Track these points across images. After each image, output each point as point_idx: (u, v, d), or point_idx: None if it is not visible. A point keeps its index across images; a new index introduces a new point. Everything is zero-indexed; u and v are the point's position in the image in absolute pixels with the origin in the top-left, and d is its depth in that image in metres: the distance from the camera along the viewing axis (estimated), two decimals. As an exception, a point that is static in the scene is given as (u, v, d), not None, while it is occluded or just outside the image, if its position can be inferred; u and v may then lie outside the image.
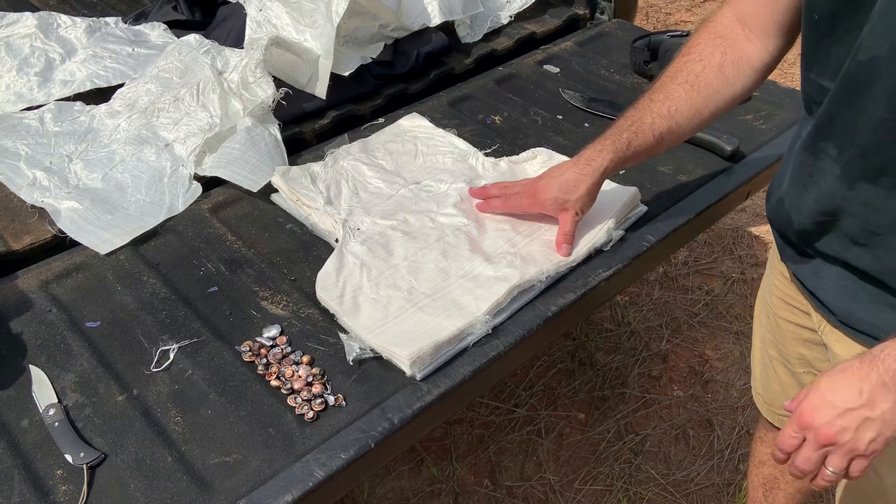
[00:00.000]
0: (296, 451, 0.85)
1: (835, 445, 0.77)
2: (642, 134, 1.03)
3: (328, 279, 1.05)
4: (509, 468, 1.82)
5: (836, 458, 0.78)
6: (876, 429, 0.75)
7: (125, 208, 1.19)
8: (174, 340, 0.98)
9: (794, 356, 1.16)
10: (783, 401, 1.24)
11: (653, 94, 1.03)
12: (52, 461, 0.84)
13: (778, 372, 1.23)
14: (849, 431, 0.76)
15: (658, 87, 1.03)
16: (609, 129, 1.06)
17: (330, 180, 1.22)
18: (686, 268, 2.38)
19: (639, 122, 1.03)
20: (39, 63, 1.48)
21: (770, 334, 1.20)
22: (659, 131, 1.02)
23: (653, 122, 1.02)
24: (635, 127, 1.03)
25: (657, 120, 1.02)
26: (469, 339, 0.97)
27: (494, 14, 1.71)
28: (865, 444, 0.76)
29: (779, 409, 1.28)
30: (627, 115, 1.05)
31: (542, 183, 1.09)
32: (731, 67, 0.99)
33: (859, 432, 0.75)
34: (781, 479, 1.38)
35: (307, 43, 1.41)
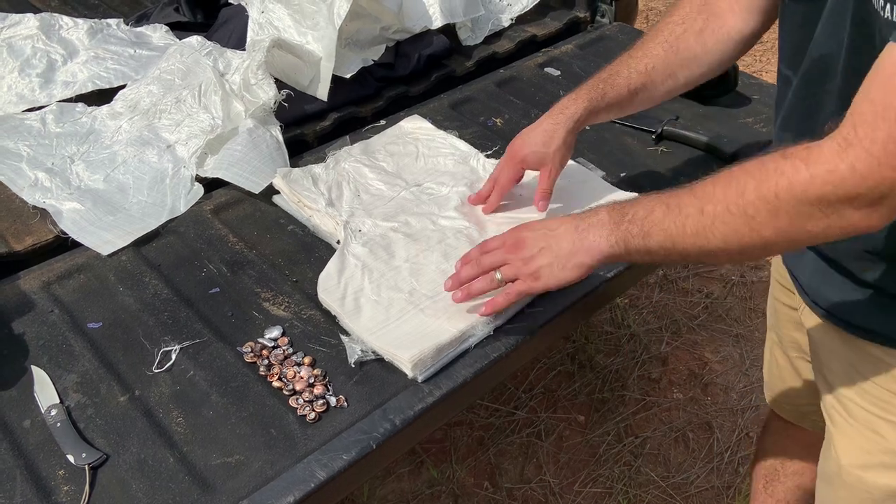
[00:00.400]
0: (297, 452, 0.86)
1: (514, 256, 0.90)
2: (617, 87, 1.04)
3: (330, 281, 1.05)
4: (509, 470, 1.82)
5: (509, 268, 0.91)
6: (549, 258, 0.88)
7: (127, 209, 1.20)
8: (176, 341, 0.98)
9: (788, 339, 1.18)
10: (780, 386, 1.26)
11: (632, 51, 1.05)
12: (54, 461, 0.84)
13: (776, 356, 1.24)
14: (530, 248, 0.89)
15: (638, 45, 1.05)
16: (585, 81, 1.08)
17: (331, 182, 1.22)
18: (686, 271, 2.38)
19: (615, 75, 1.05)
20: (41, 64, 1.48)
21: (772, 318, 1.22)
22: (634, 86, 1.04)
23: (629, 76, 1.04)
24: (612, 80, 1.05)
25: (633, 75, 1.04)
26: (470, 340, 0.98)
27: (495, 17, 1.72)
28: (534, 267, 0.89)
29: (779, 396, 1.29)
30: (605, 68, 1.07)
31: (519, 141, 1.10)
32: (712, 35, 1.01)
33: (538, 254, 0.88)
34: (782, 472, 1.39)
35: (309, 45, 1.41)
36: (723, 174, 0.75)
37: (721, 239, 0.75)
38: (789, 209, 0.69)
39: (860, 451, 0.93)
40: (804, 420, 1.27)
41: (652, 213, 0.81)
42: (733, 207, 0.73)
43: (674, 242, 0.79)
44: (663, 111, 1.45)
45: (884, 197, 0.66)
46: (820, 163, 0.67)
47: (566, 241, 0.87)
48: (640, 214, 0.82)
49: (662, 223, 0.79)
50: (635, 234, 0.82)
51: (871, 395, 0.90)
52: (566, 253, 0.87)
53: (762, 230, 0.72)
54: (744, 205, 0.72)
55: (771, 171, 0.70)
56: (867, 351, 0.89)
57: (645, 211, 0.82)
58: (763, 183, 0.71)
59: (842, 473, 0.96)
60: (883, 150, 0.64)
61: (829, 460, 0.99)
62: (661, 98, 1.07)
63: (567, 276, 0.88)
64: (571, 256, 0.87)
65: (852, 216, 0.68)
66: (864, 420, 0.92)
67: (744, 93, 1.48)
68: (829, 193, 0.67)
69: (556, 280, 0.89)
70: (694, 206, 0.76)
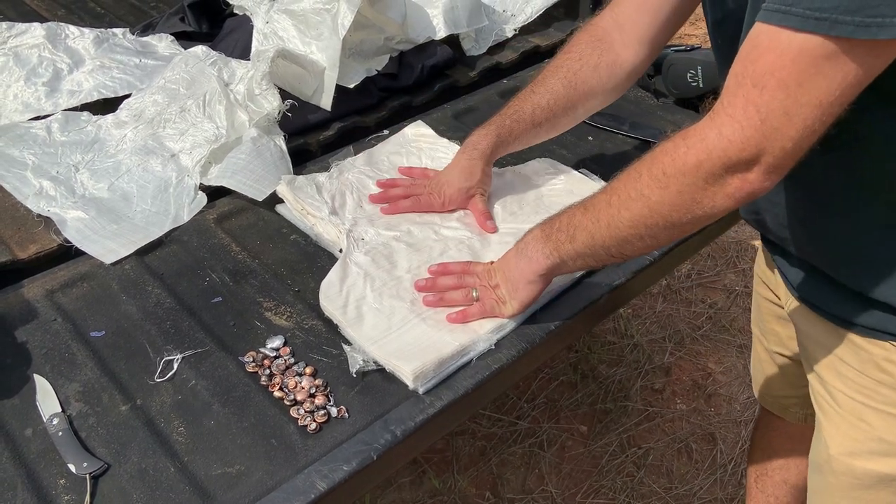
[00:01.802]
0: (298, 463, 0.85)
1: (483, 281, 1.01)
2: (523, 122, 1.13)
3: (332, 288, 1.05)
4: (511, 481, 1.82)
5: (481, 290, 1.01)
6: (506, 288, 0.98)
7: (131, 218, 1.20)
8: (178, 351, 0.98)
9: (770, 333, 1.21)
10: (763, 380, 1.33)
11: (534, 87, 1.14)
12: (55, 470, 0.84)
13: (758, 350, 1.28)
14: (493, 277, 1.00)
15: (540, 80, 1.13)
16: (494, 115, 1.17)
17: (335, 191, 1.22)
18: (689, 281, 2.37)
19: (520, 111, 1.14)
20: (47, 73, 1.49)
21: (755, 313, 1.25)
22: (538, 121, 1.13)
23: (533, 112, 1.13)
24: (517, 115, 1.14)
25: (537, 111, 1.12)
26: (472, 353, 0.98)
27: (499, 27, 1.72)
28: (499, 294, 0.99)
29: (761, 389, 1.33)
30: (511, 104, 1.16)
31: (443, 179, 1.18)
32: (606, 69, 1.09)
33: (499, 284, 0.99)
34: (769, 467, 1.42)
35: (313, 55, 1.42)
36: (628, 168, 0.83)
37: (629, 224, 0.83)
38: (676, 183, 0.76)
39: (848, 438, 0.95)
40: (786, 413, 1.31)
41: (573, 217, 0.90)
42: (632, 192, 0.81)
43: (593, 238, 0.87)
44: (666, 122, 1.45)
45: (754, 159, 0.72)
46: (693, 135, 0.75)
47: (513, 266, 0.97)
48: (564, 222, 0.91)
49: (582, 223, 0.88)
50: (563, 240, 0.90)
51: (855, 384, 0.92)
52: (515, 277, 0.96)
53: (660, 208, 0.79)
54: (640, 187, 0.80)
55: (658, 153, 0.79)
56: (850, 339, 0.91)
57: (568, 217, 0.91)
58: (653, 164, 0.79)
59: (831, 462, 0.98)
60: (743, 114, 0.70)
61: (819, 449, 1.01)
62: (563, 128, 1.17)
63: (523, 296, 0.97)
64: (520, 279, 0.96)
65: (733, 181, 0.74)
66: (850, 408, 0.94)
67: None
68: (705, 161, 0.74)
69: (518, 303, 0.98)
70: (603, 200, 0.85)
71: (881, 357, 0.88)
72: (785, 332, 1.16)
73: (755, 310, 1.25)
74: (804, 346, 1.03)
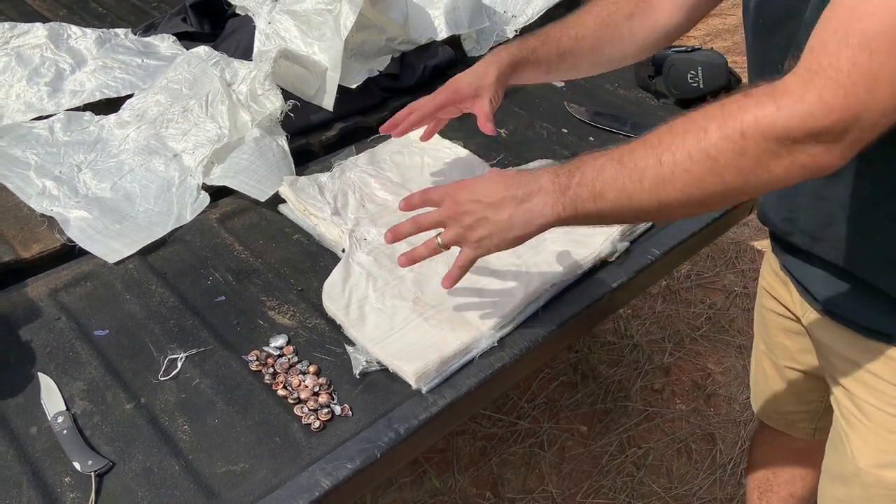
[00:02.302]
0: (302, 461, 0.86)
1: (454, 222, 0.88)
2: (548, 45, 1.09)
3: (334, 289, 1.06)
4: (511, 481, 1.82)
5: (450, 233, 0.89)
6: (488, 229, 0.86)
7: (134, 218, 1.20)
8: (182, 349, 0.99)
9: (778, 347, 1.18)
10: (768, 396, 1.27)
11: (567, 19, 1.11)
12: (60, 468, 0.85)
13: (764, 366, 1.25)
14: (470, 217, 0.86)
15: (573, 15, 1.11)
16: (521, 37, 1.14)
17: (337, 191, 1.23)
18: (689, 281, 2.38)
19: (547, 35, 1.10)
20: (49, 73, 1.49)
21: (760, 327, 1.22)
22: (562, 49, 1.09)
23: (559, 39, 1.09)
24: (543, 37, 1.10)
25: (564, 39, 1.09)
26: (474, 352, 0.98)
27: (500, 28, 1.73)
28: (476, 237, 0.87)
29: (767, 405, 1.30)
30: (539, 30, 1.12)
31: (456, 76, 1.14)
32: (639, 20, 1.06)
33: (476, 225, 0.86)
34: (774, 482, 1.39)
35: (315, 55, 1.42)
36: (679, 121, 0.73)
37: (681, 189, 0.72)
38: (755, 147, 0.67)
39: (878, 451, 0.94)
40: (792, 428, 1.28)
41: (602, 171, 0.77)
42: (695, 152, 0.70)
43: (630, 200, 0.76)
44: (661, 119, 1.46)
45: (846, 130, 0.65)
46: (786, 95, 0.66)
47: (505, 214, 0.84)
48: (588, 176, 0.78)
49: (616, 181, 0.76)
50: (585, 197, 0.79)
51: (887, 396, 0.91)
52: (505, 226, 0.85)
53: (725, 173, 0.69)
54: (706, 147, 0.69)
55: (735, 110, 0.68)
56: (881, 351, 0.89)
57: (594, 171, 0.78)
58: (726, 122, 0.68)
59: (860, 475, 0.96)
60: (848, 78, 0.63)
61: (843, 461, 0.99)
62: (584, 70, 1.12)
63: (507, 246, 0.87)
64: (511, 229, 0.85)
65: (815, 151, 0.66)
66: (880, 421, 0.92)
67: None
68: (796, 127, 0.65)
69: (497, 249, 0.88)
70: (651, 157, 0.73)
71: None
72: (795, 346, 1.13)
73: (760, 324, 1.22)
74: (827, 359, 1.01)
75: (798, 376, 1.18)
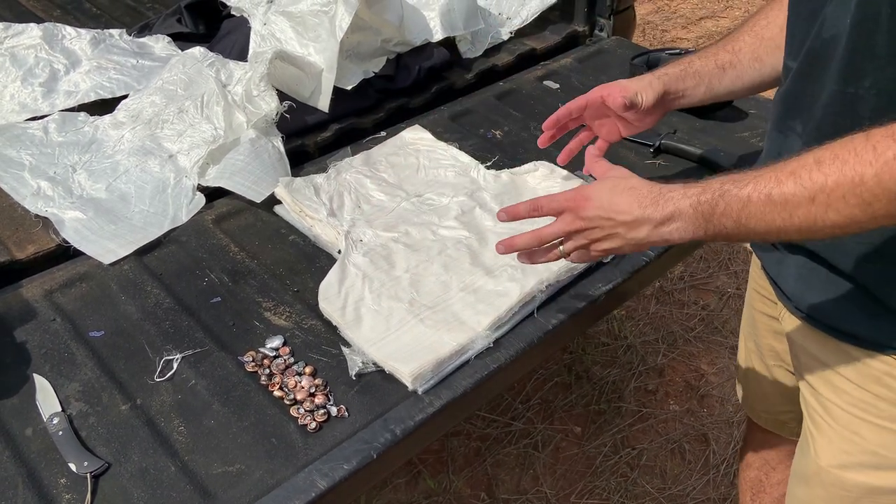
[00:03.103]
0: (298, 462, 0.86)
1: (579, 235, 0.88)
2: (705, 58, 1.08)
3: (330, 290, 1.06)
4: (506, 481, 1.82)
5: (572, 244, 0.89)
6: (617, 245, 0.86)
7: (129, 218, 1.20)
8: (177, 350, 0.99)
9: (767, 348, 1.19)
10: (758, 396, 1.28)
11: (719, 41, 1.09)
12: (55, 470, 0.85)
13: (755, 365, 1.25)
14: (598, 232, 0.87)
15: (727, 34, 1.09)
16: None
17: (333, 192, 1.23)
18: (682, 283, 2.39)
19: (704, 50, 1.10)
20: (44, 74, 1.49)
21: (749, 326, 1.23)
22: (721, 62, 1.07)
23: (716, 53, 1.08)
24: (701, 53, 1.09)
25: (721, 52, 1.07)
26: (470, 353, 0.98)
27: (495, 30, 1.73)
28: (602, 248, 0.88)
29: (757, 405, 1.31)
30: (696, 51, 1.11)
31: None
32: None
33: (606, 239, 0.87)
34: (766, 483, 1.40)
35: (311, 57, 1.43)
36: (825, 157, 0.73)
37: (831, 224, 0.74)
38: None
39: (840, 451, 0.95)
40: (783, 429, 1.29)
41: (749, 204, 0.78)
42: (850, 197, 0.71)
43: (778, 232, 0.78)
44: (662, 125, 1.46)
45: None
46: None
47: (641, 234, 0.85)
48: (734, 207, 0.79)
49: (765, 216, 0.77)
50: (730, 227, 0.80)
51: (852, 397, 0.92)
52: (638, 244, 0.86)
53: (877, 213, 0.71)
54: (862, 193, 0.70)
55: (890, 159, 0.69)
56: (849, 354, 0.91)
57: (739, 203, 0.78)
58: (883, 171, 0.69)
59: (821, 473, 0.97)
60: None
61: (807, 460, 1.01)
62: (751, 83, 1.08)
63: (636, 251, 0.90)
64: (644, 244, 0.86)
65: None
66: (844, 422, 0.94)
67: (741, 107, 1.50)
68: None
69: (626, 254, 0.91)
70: (802, 196, 0.74)
71: (882, 371, 0.88)
72: (783, 347, 1.14)
73: (750, 325, 1.23)
74: (798, 358, 1.02)
75: (787, 377, 1.19)
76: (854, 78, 0.77)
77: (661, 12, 3.92)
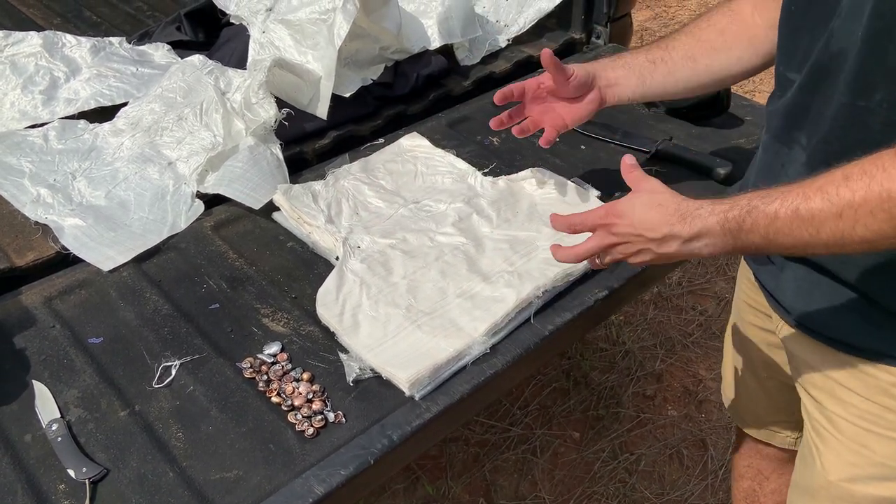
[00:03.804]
0: (296, 468, 0.86)
1: (614, 251, 0.91)
2: (637, 53, 1.11)
3: (328, 296, 1.06)
4: (504, 487, 1.83)
5: (609, 258, 0.93)
6: (648, 258, 0.89)
7: (128, 226, 1.21)
8: (176, 357, 0.99)
9: (760, 361, 1.18)
10: (749, 407, 1.27)
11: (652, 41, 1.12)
12: (54, 476, 0.85)
13: (745, 377, 1.25)
14: (630, 248, 0.89)
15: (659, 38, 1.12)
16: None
17: (331, 199, 1.24)
18: (680, 288, 2.40)
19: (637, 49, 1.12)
20: (44, 81, 1.50)
21: (737, 339, 1.23)
22: (653, 57, 1.09)
23: (649, 49, 1.10)
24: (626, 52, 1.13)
25: (653, 49, 1.10)
26: (466, 358, 0.99)
27: (493, 37, 1.74)
28: (637, 261, 0.91)
29: (747, 417, 1.30)
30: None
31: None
32: (733, 34, 1.05)
33: (638, 254, 0.90)
34: (760, 493, 1.39)
35: (309, 64, 1.44)
36: (854, 173, 0.73)
37: (860, 239, 0.74)
38: None
39: (848, 464, 0.95)
40: (774, 438, 1.29)
41: (776, 219, 0.78)
42: (878, 212, 0.72)
43: (805, 246, 0.78)
44: (657, 132, 1.47)
45: None
46: None
47: (670, 249, 0.86)
48: (761, 223, 0.79)
49: (792, 231, 0.77)
50: (757, 241, 0.80)
51: (858, 409, 0.92)
52: (668, 257, 0.88)
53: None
54: (889, 208, 0.71)
55: None
56: (854, 365, 0.90)
57: (766, 219, 0.79)
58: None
59: (829, 488, 0.97)
60: None
61: (812, 474, 1.00)
62: (684, 82, 1.09)
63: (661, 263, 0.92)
64: (673, 259, 0.89)
65: None
66: (851, 434, 0.93)
67: (736, 114, 1.50)
68: None
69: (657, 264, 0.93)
70: (829, 211, 0.74)
71: (889, 382, 0.87)
72: (778, 360, 1.13)
73: (739, 338, 1.22)
74: (799, 372, 1.02)
75: (781, 389, 1.17)
76: (865, 91, 0.77)
77: (658, 19, 3.94)
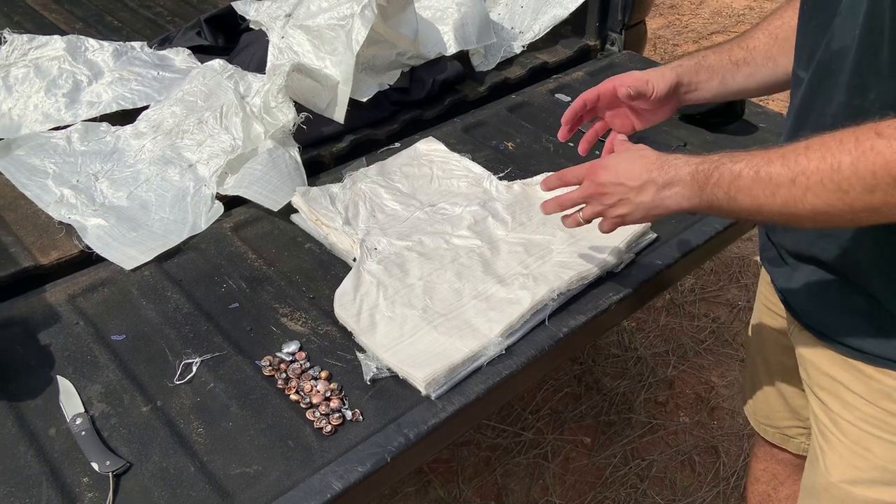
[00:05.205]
0: (314, 464, 0.88)
1: (595, 201, 0.95)
2: (719, 53, 1.08)
3: (346, 297, 1.08)
4: (515, 491, 1.83)
5: (590, 210, 0.97)
6: (629, 209, 0.93)
7: (149, 226, 1.23)
8: (196, 354, 1.01)
9: (775, 364, 1.19)
10: (765, 411, 1.27)
11: (732, 39, 1.09)
12: (78, 469, 0.87)
13: (762, 379, 1.26)
14: (611, 197, 0.93)
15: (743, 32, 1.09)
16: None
17: (348, 201, 1.25)
18: (692, 295, 2.40)
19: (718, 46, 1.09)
20: (67, 84, 1.53)
21: (757, 342, 1.23)
22: (735, 58, 1.07)
23: (731, 49, 1.08)
24: (715, 47, 1.09)
25: (735, 49, 1.07)
26: (482, 359, 1.00)
27: (508, 44, 1.76)
28: (615, 214, 0.94)
29: (763, 419, 1.30)
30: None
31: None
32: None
33: (618, 204, 0.93)
34: (774, 497, 1.39)
35: (327, 69, 1.46)
36: (814, 144, 0.76)
37: (810, 210, 0.76)
38: (885, 187, 0.71)
39: (850, 467, 0.95)
40: (789, 443, 1.29)
41: (739, 178, 0.81)
42: (827, 182, 0.74)
43: (760, 209, 0.81)
44: (672, 138, 1.49)
45: None
46: None
47: (646, 197, 0.90)
48: (725, 178, 0.82)
49: (751, 190, 0.80)
50: (720, 197, 0.84)
51: (863, 413, 0.92)
52: (646, 207, 0.91)
53: (854, 204, 0.73)
54: (839, 180, 0.73)
55: (867, 150, 0.71)
56: (859, 369, 0.91)
57: (731, 176, 0.82)
58: (859, 160, 0.72)
59: (830, 489, 0.98)
60: None
61: (816, 475, 1.01)
62: (764, 82, 1.08)
63: (642, 222, 0.96)
64: (651, 209, 0.92)
65: None
66: (855, 437, 0.94)
67: (750, 121, 1.51)
68: None
69: (633, 223, 0.96)
70: (786, 176, 0.77)
71: (892, 388, 0.88)
72: (792, 363, 1.13)
73: (758, 339, 1.23)
74: (807, 373, 1.02)
75: (795, 393, 1.18)
76: (860, 90, 0.79)
77: (672, 27, 3.95)
